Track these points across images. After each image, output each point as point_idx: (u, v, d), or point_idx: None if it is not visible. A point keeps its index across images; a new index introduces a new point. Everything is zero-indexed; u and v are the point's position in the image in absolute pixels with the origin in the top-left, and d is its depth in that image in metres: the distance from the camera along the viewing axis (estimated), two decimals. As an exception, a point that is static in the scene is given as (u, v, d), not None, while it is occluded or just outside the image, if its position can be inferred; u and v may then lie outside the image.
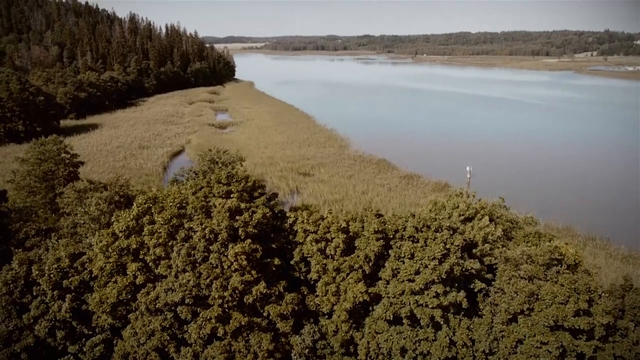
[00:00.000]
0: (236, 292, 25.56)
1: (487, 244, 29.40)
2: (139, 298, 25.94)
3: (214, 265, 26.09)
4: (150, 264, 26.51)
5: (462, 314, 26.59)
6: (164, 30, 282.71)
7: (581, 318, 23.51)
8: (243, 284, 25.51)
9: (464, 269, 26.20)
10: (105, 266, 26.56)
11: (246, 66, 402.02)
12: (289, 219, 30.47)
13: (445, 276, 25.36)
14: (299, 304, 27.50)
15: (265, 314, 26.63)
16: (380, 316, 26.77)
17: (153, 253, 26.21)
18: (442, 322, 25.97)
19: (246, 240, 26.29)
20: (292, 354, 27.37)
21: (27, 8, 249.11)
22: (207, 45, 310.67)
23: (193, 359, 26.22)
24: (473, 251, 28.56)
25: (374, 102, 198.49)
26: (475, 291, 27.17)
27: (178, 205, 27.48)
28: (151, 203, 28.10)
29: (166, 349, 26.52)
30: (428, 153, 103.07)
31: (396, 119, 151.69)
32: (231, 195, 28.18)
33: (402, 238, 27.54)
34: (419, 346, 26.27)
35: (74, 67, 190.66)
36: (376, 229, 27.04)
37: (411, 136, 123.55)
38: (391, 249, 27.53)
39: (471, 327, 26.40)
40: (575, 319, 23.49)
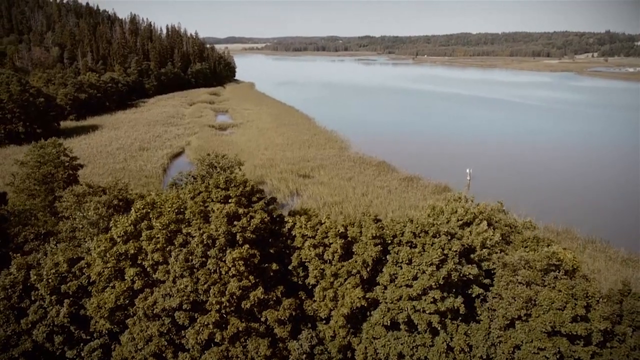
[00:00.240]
0: (234, 298, 25.60)
1: (485, 249, 29.42)
2: (137, 303, 25.97)
3: (212, 270, 26.12)
4: (148, 269, 26.55)
5: (460, 320, 26.62)
6: (165, 31, 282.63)
7: (579, 324, 23.54)
8: (241, 290, 25.54)
9: (462, 275, 26.21)
10: (103, 271, 26.59)
11: (247, 67, 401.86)
12: (287, 224, 30.49)
13: (442, 282, 25.40)
14: (297, 309, 27.54)
15: (262, 319, 26.69)
16: (377, 321, 26.80)
17: (151, 258, 26.24)
18: (440, 328, 26.00)
19: (244, 245, 26.33)
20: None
21: (28, 9, 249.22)
22: (208, 46, 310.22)
23: (191, 364, 26.24)
24: (471, 256, 28.57)
25: (375, 104, 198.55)
26: (472, 296, 27.20)
27: (176, 210, 27.51)
28: (149, 208, 28.13)
29: (164, 355, 26.53)
30: (428, 155, 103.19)
31: (396, 121, 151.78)
32: (229, 200, 28.20)
33: (400, 243, 27.57)
34: (417, 352, 26.32)
35: (75, 68, 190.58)
36: (374, 234, 27.07)
37: (411, 138, 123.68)
38: (389, 254, 27.58)
39: (469, 333, 26.42)
40: (572, 325, 23.52)
